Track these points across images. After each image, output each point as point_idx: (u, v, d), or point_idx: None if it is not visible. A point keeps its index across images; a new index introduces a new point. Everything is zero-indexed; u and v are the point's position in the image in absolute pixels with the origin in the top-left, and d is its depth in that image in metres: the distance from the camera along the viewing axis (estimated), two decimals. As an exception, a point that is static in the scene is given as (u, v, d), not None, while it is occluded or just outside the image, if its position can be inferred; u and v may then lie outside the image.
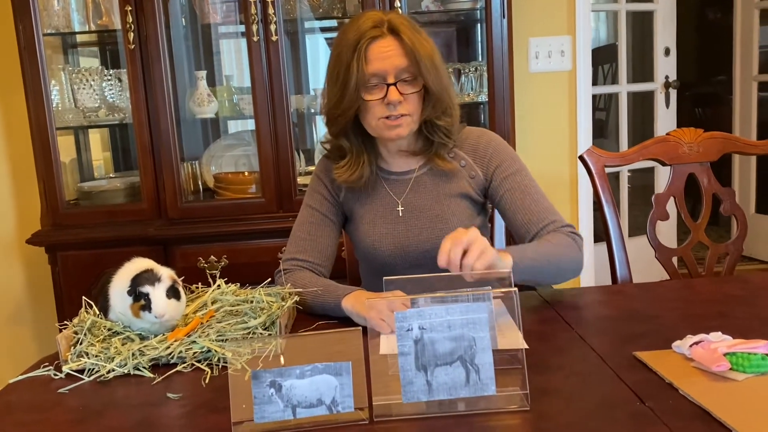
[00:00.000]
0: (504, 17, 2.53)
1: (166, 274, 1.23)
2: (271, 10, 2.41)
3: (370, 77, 1.43)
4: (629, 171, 3.71)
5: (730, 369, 1.00)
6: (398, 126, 1.46)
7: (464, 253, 1.21)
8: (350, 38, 1.44)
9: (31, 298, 2.96)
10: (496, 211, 1.72)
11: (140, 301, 1.20)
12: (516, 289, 1.04)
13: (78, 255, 2.52)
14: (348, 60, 1.43)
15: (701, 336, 1.08)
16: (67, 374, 1.17)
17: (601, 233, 3.11)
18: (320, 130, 3.13)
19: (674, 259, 1.81)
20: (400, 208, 1.56)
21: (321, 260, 1.57)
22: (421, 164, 1.58)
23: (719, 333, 1.09)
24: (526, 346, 1.05)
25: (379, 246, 1.55)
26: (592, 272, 3.20)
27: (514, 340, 1.15)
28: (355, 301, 1.34)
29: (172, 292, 1.21)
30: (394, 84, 1.43)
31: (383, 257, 1.56)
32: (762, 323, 1.23)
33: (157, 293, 1.20)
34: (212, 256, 2.49)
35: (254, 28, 2.43)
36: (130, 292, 1.21)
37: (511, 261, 1.30)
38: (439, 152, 1.54)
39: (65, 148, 2.68)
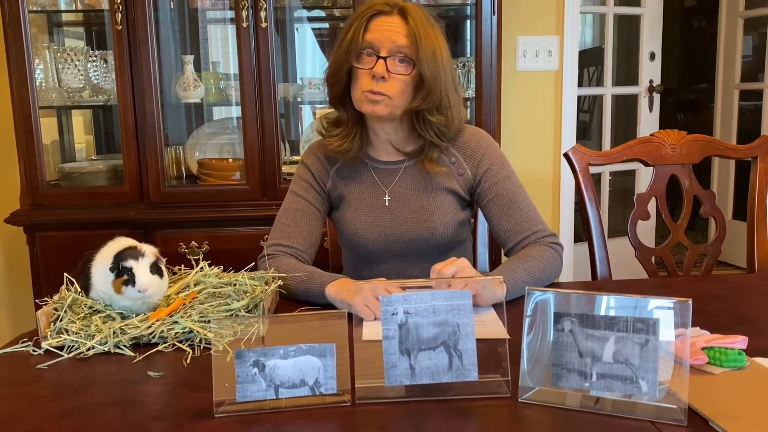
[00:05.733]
0: (494, 14, 2.54)
1: (149, 251, 1.22)
2: (261, -3, 2.40)
3: (365, 46, 1.45)
4: (610, 174, 3.75)
5: (708, 363, 1.02)
6: (376, 102, 1.45)
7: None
8: (360, 10, 1.49)
9: (7, 278, 2.92)
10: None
11: (123, 276, 1.18)
12: (501, 277, 1.05)
13: (57, 236, 2.49)
14: (350, 25, 1.47)
15: (680, 330, 1.09)
16: (46, 351, 1.16)
17: (581, 233, 3.13)
18: (306, 120, 3.12)
19: (653, 262, 1.83)
20: (386, 198, 1.57)
21: (305, 247, 1.56)
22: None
23: (697, 328, 1.11)
24: (509, 337, 1.06)
25: (363, 234, 1.56)
26: (571, 270, 3.23)
27: (497, 330, 1.16)
28: (339, 288, 1.34)
29: (156, 269, 1.20)
30: (385, 58, 1.43)
31: (366, 245, 1.57)
32: (738, 320, 1.25)
33: (140, 268, 1.19)
34: (194, 242, 2.48)
35: (244, 14, 2.42)
36: (112, 269, 1.19)
37: (504, 292, 1.30)
38: (430, 154, 1.54)
39: (47, 130, 2.63)
